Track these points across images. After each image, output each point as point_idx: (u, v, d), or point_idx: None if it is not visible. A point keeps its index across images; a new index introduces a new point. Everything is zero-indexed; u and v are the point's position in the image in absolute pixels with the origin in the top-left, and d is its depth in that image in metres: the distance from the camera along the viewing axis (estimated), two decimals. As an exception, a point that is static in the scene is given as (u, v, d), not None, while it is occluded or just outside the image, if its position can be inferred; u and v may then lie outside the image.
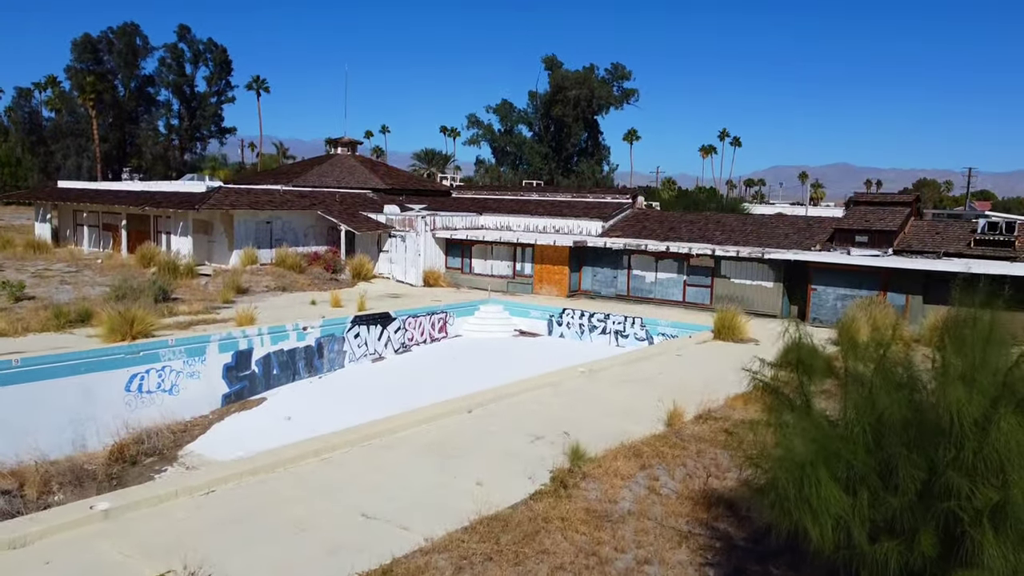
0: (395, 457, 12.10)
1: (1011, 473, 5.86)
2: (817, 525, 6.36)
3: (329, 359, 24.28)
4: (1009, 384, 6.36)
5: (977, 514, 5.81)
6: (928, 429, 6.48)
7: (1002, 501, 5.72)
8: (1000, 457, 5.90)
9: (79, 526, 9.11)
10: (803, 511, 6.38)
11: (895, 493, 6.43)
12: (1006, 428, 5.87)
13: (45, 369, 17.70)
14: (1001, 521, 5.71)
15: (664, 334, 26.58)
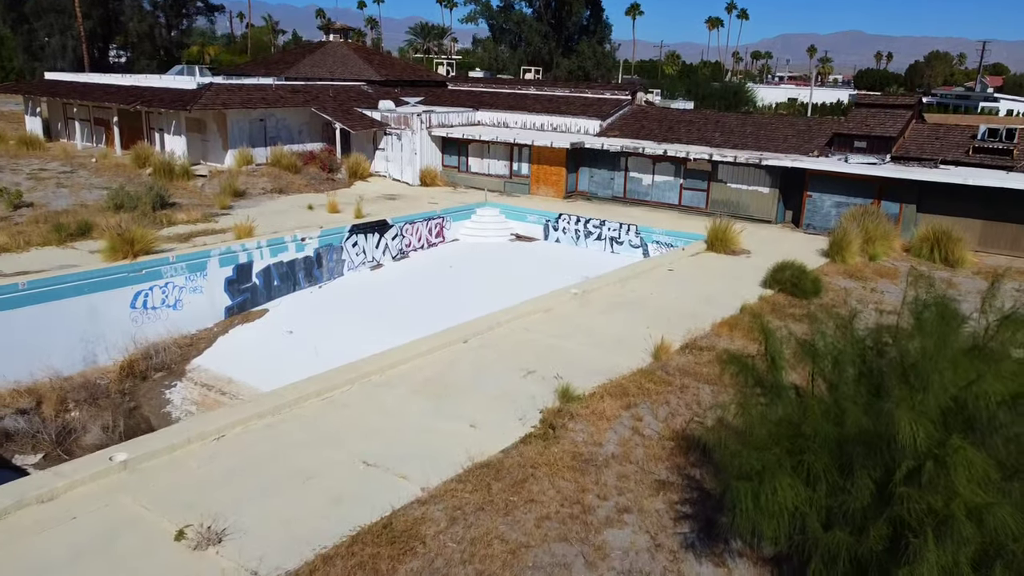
0: (394, 397, 12.74)
1: (957, 488, 6.38)
2: (772, 527, 6.96)
3: (328, 269, 24.72)
4: (959, 406, 6.79)
5: (921, 522, 6.39)
6: (885, 440, 6.95)
7: (945, 516, 6.27)
8: (946, 477, 6.41)
9: (100, 478, 9.81)
10: (760, 516, 6.96)
11: (851, 492, 7.00)
12: (953, 457, 6.34)
13: (51, 291, 18.16)
14: (942, 532, 6.29)
15: (658, 242, 26.89)
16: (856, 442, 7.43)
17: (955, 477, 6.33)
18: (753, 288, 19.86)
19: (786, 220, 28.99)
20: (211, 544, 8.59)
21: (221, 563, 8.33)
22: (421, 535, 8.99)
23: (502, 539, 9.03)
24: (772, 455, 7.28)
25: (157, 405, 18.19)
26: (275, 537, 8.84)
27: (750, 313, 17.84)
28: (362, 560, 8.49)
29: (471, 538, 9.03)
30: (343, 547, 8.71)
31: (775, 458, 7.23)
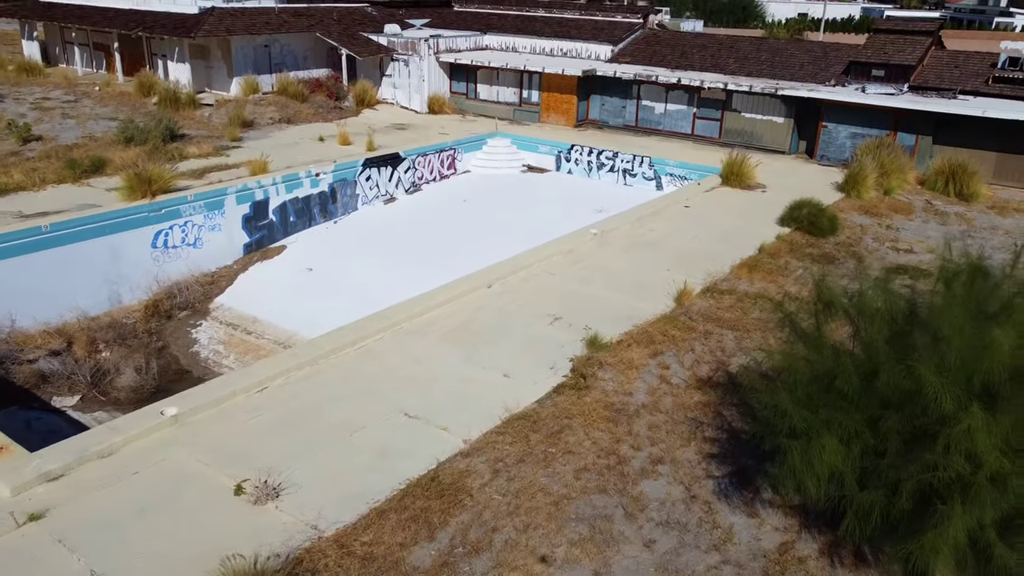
0: (425, 346, 13.06)
1: (983, 456, 6.73)
2: (815, 484, 7.35)
3: (343, 203, 24.73)
4: (984, 377, 7.05)
5: (949, 486, 6.77)
6: (918, 404, 7.25)
7: (972, 482, 6.64)
8: (971, 445, 6.75)
9: (153, 432, 10.20)
10: (806, 474, 7.33)
11: (883, 453, 7.36)
12: (974, 425, 6.65)
13: (74, 232, 18.26)
14: (968, 496, 6.67)
15: (672, 175, 26.81)
16: (888, 402, 7.76)
17: (978, 443, 6.67)
18: (770, 226, 19.98)
19: (800, 151, 28.80)
20: (270, 499, 9.03)
21: (282, 517, 8.78)
22: (467, 488, 9.44)
23: (544, 491, 9.48)
24: (820, 416, 7.60)
25: (184, 345, 18.57)
26: (328, 491, 9.27)
27: (767, 253, 18.06)
28: (414, 513, 8.95)
29: (515, 490, 9.48)
30: (395, 500, 9.16)
31: (823, 419, 7.56)
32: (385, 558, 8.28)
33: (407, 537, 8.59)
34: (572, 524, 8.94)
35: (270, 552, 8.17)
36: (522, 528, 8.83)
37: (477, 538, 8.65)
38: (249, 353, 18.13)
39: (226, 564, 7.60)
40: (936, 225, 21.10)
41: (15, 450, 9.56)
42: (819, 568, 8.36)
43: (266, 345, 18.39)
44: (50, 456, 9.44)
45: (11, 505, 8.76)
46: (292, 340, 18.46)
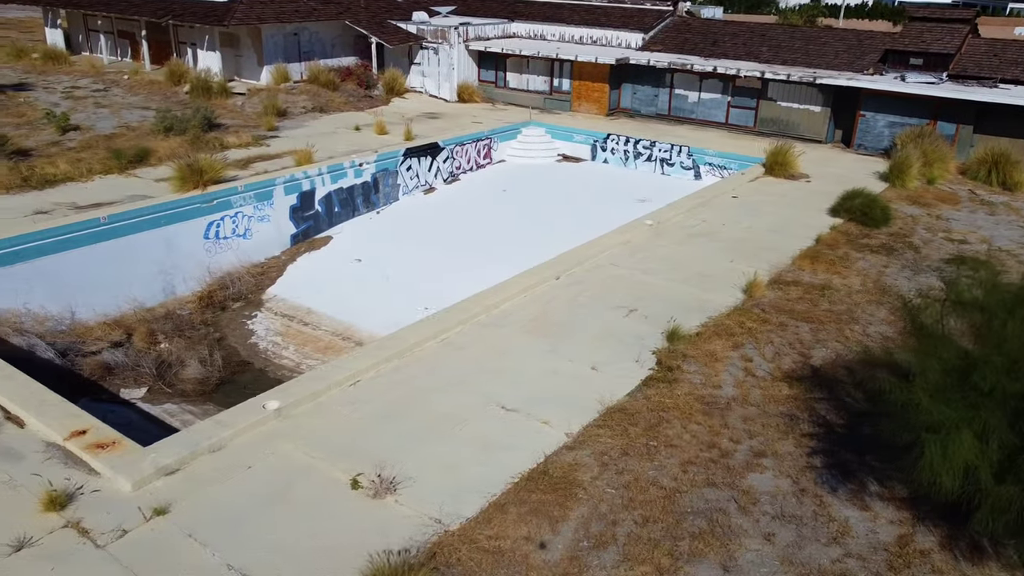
0: (506, 337, 13.09)
1: None
2: (951, 479, 7.40)
3: (384, 194, 24.70)
4: None
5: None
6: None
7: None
8: None
9: (258, 426, 10.25)
10: (943, 468, 7.37)
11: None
12: None
13: (130, 224, 18.26)
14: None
15: (711, 164, 26.78)
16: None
17: None
18: (821, 216, 19.99)
19: (836, 139, 28.75)
20: (387, 492, 9.08)
21: (403, 511, 8.84)
22: (579, 481, 9.50)
23: (654, 484, 9.55)
24: (959, 412, 7.64)
25: (242, 336, 18.60)
26: (442, 484, 9.33)
27: (825, 244, 18.09)
28: (532, 507, 9.01)
29: (625, 483, 9.54)
30: (510, 494, 9.22)
31: (961, 414, 7.60)
32: (513, 552, 8.34)
33: (530, 531, 8.65)
34: (690, 517, 9.00)
35: (399, 546, 8.22)
36: (641, 522, 8.90)
37: (599, 531, 8.71)
38: (308, 345, 18.18)
39: (373, 560, 7.65)
40: (985, 215, 21.10)
41: (127, 444, 9.60)
42: (943, 561, 8.44)
43: (324, 336, 18.43)
44: (164, 450, 9.49)
45: (134, 499, 8.81)
46: (349, 332, 18.52)
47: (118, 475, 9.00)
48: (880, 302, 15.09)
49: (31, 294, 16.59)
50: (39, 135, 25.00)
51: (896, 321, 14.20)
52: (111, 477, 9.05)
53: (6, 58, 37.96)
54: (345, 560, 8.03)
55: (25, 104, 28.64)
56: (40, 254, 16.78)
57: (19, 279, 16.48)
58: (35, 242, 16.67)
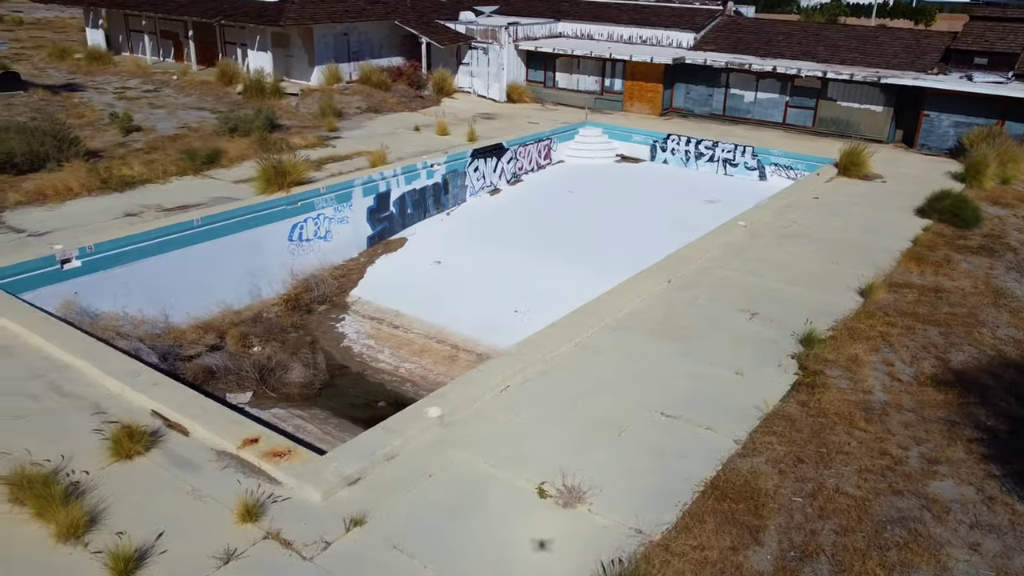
0: (639, 342, 12.94)
1: None
2: None
3: (453, 194, 24.54)
4: None
5: None
6: None
7: None
8: None
9: (425, 433, 10.09)
10: None
11: None
12: None
13: (221, 226, 18.10)
14: None
15: (776, 164, 26.62)
16: None
17: None
18: (909, 217, 19.85)
19: (896, 139, 28.59)
20: (577, 501, 8.93)
21: (599, 520, 8.69)
22: (763, 489, 9.34)
23: (839, 492, 9.39)
24: None
25: (333, 339, 18.44)
26: (627, 493, 9.17)
27: (924, 245, 17.94)
28: (725, 516, 8.85)
29: (810, 492, 9.39)
30: (699, 502, 9.06)
31: None
32: (723, 562, 8.18)
33: (733, 541, 8.49)
34: (888, 527, 8.84)
35: (607, 557, 8.07)
36: (840, 531, 8.75)
37: (802, 541, 8.56)
38: (402, 348, 18.03)
39: (590, 572, 7.50)
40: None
41: (303, 453, 9.45)
42: None
43: (417, 340, 18.28)
44: (343, 459, 9.33)
45: (325, 509, 8.65)
46: (442, 335, 18.38)
47: (305, 485, 8.83)
48: (998, 304, 14.94)
49: (129, 297, 16.44)
50: (103, 136, 24.84)
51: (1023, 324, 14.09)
52: (296, 487, 8.89)
53: (48, 58, 37.81)
54: (560, 572, 7.88)
55: (82, 105, 28.48)
56: (140, 257, 16.62)
57: (118, 282, 16.33)
58: (135, 245, 16.51)
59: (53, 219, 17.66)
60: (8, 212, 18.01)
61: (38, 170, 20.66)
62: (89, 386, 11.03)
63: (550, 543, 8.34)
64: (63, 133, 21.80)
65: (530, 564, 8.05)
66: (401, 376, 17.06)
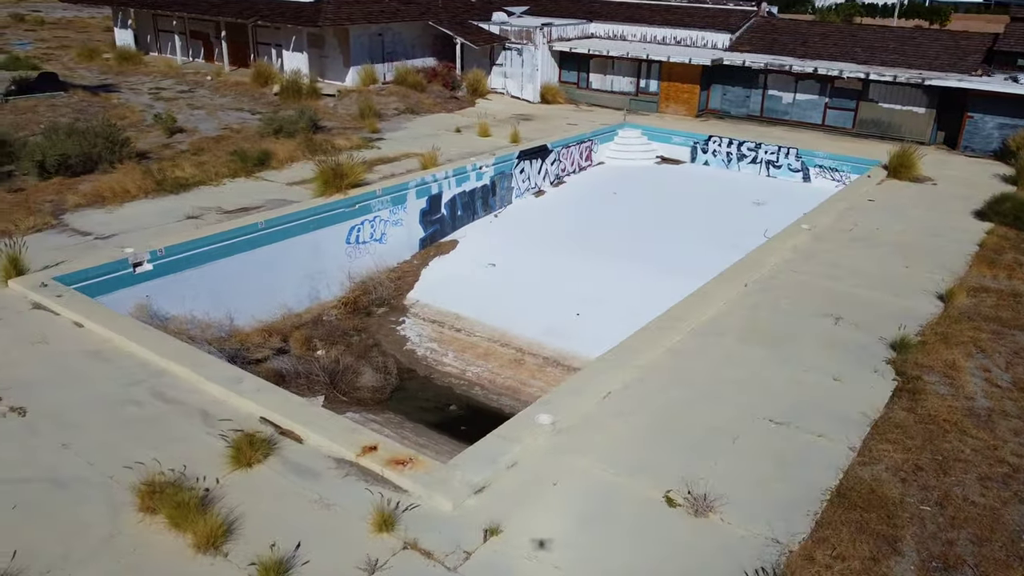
0: (730, 347, 12.84)
1: None
2: None
3: (500, 196, 24.45)
4: None
5: None
6: None
7: None
8: None
9: (540, 441, 9.99)
10: None
11: None
12: None
13: (284, 229, 18.01)
14: None
15: (821, 166, 26.53)
16: None
17: None
18: (968, 220, 19.77)
19: (938, 141, 28.50)
20: (708, 510, 8.83)
21: (734, 530, 8.59)
22: (889, 498, 9.24)
23: (966, 500, 9.29)
24: None
25: (395, 342, 18.35)
26: (755, 501, 9.07)
27: (991, 249, 17.85)
28: (860, 525, 8.76)
29: (936, 500, 9.29)
30: (829, 511, 8.96)
31: None
32: (866, 573, 8.09)
33: (872, 551, 8.40)
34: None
35: (750, 567, 7.98)
36: (977, 541, 8.65)
37: (941, 552, 8.46)
38: (466, 351, 17.94)
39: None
40: None
41: (424, 460, 9.35)
42: None
43: (480, 343, 18.20)
44: (468, 467, 9.24)
45: (459, 519, 8.55)
46: (506, 338, 18.29)
47: (434, 493, 8.74)
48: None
49: (196, 300, 16.32)
50: (146, 137, 24.76)
51: (1110, 329, 13.99)
52: (425, 495, 8.79)
53: (78, 59, 37.75)
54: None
55: (122, 106, 28.39)
56: (207, 260, 16.53)
57: (187, 285, 16.24)
58: (202, 248, 16.42)
59: (115, 221, 17.57)
60: (69, 214, 17.93)
61: (91, 172, 20.59)
62: (191, 392, 10.94)
63: (691, 553, 8.24)
64: (114, 135, 21.71)
65: (674, 574, 7.95)
66: (468, 380, 16.98)
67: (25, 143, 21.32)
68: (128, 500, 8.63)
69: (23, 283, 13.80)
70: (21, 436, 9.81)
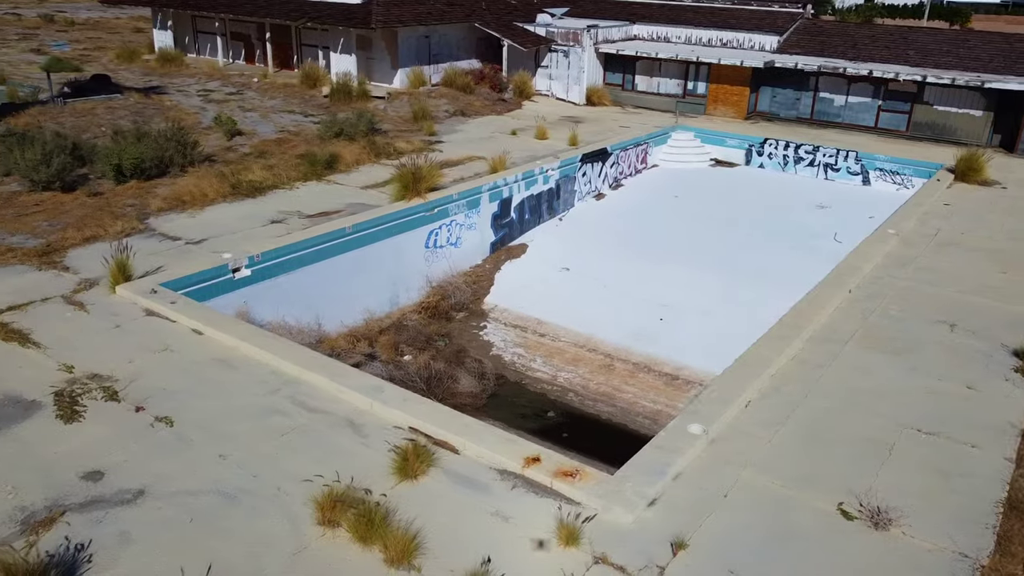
0: (854, 355, 12.74)
1: None
2: None
3: (564, 200, 24.35)
4: None
5: None
6: None
7: None
8: None
9: (696, 451, 9.88)
10: None
11: None
12: None
13: (370, 234, 17.91)
14: None
15: (882, 169, 26.43)
16: None
17: None
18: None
19: (994, 143, 28.39)
20: (888, 524, 8.72)
21: (919, 543, 8.47)
22: (1063, 510, 9.14)
23: None
24: None
25: (481, 347, 18.24)
26: (932, 513, 8.96)
27: (1082, 254, 17.73)
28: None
29: (1110, 513, 9.19)
30: (1007, 523, 8.86)
31: None
32: (1065, 588, 8.00)
33: (1064, 565, 8.30)
34: None
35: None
36: None
37: None
38: (555, 357, 17.85)
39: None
40: None
41: (591, 472, 9.24)
42: None
43: (567, 348, 18.10)
44: (637, 479, 9.13)
45: (640, 532, 8.44)
46: (592, 343, 18.21)
47: (613, 506, 8.63)
48: None
49: (289, 305, 16.22)
50: (206, 139, 24.63)
51: None
52: (602, 508, 8.68)
53: (117, 60, 37.64)
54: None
55: (176, 108, 28.29)
56: (299, 265, 16.44)
57: (280, 291, 16.13)
58: (295, 253, 16.32)
59: (200, 226, 17.47)
60: (153, 218, 17.83)
61: (162, 175, 20.51)
62: (331, 401, 10.83)
63: (883, 570, 8.13)
64: (184, 138, 21.62)
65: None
66: (561, 386, 16.88)
67: (94, 146, 21.24)
68: (303, 513, 8.53)
69: (132, 289, 13.69)
70: (176, 447, 9.70)
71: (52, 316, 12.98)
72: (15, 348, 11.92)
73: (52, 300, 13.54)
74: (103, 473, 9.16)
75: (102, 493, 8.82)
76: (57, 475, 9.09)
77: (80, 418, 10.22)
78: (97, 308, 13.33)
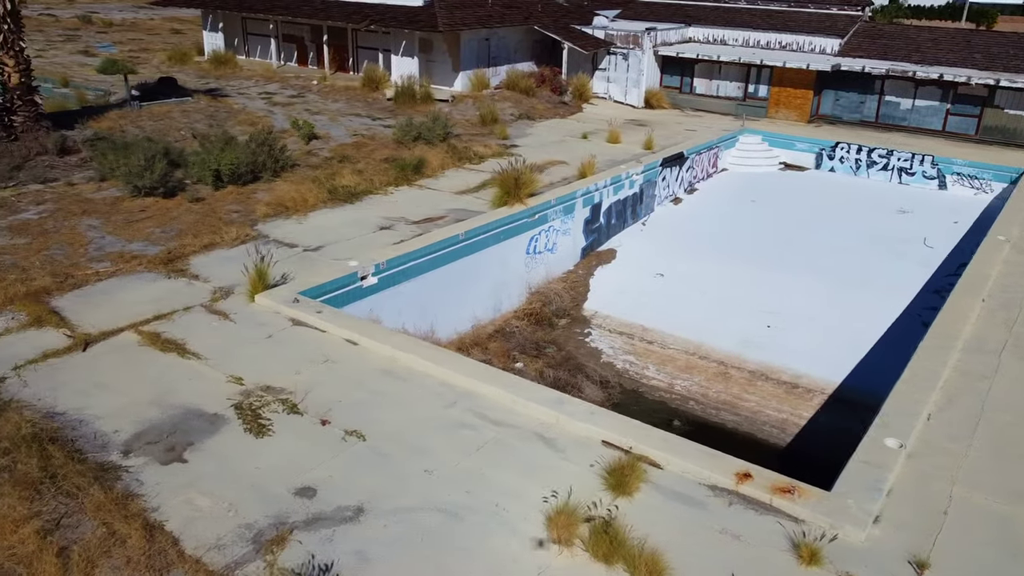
0: (1013, 366, 12.63)
1: None
2: None
3: (645, 204, 24.24)
4: None
5: None
6: None
7: None
8: None
9: (897, 464, 9.76)
10: None
11: None
12: None
13: (480, 240, 17.78)
14: None
15: (960, 174, 26.30)
16: None
17: None
18: None
19: (1066, 148, 28.27)
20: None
21: None
22: None
23: None
24: None
25: (590, 355, 18.14)
26: None
27: None
28: None
29: None
30: None
31: None
32: None
33: None
34: None
35: None
36: None
37: None
38: (667, 364, 17.73)
39: None
40: None
41: (808, 489, 9.12)
42: None
43: (678, 356, 17.99)
44: (856, 495, 9.00)
45: (875, 550, 8.30)
46: (703, 350, 18.09)
47: (842, 524, 8.51)
48: None
49: (409, 313, 16.13)
50: (283, 143, 24.49)
51: None
52: (829, 526, 8.56)
53: (168, 61, 37.55)
54: None
55: (244, 112, 28.18)
56: (419, 272, 16.32)
57: (401, 298, 16.02)
58: (416, 260, 16.20)
59: (310, 232, 17.36)
60: (261, 224, 17.71)
61: (256, 181, 20.40)
62: (512, 413, 10.70)
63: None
64: (273, 143, 21.51)
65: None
66: (680, 394, 16.76)
67: (181, 151, 21.13)
68: (528, 529, 8.43)
69: (271, 298, 13.58)
70: (376, 462, 9.58)
71: (200, 326, 12.86)
72: (176, 359, 11.81)
73: (193, 309, 13.43)
74: (315, 489, 9.04)
75: (322, 510, 8.71)
76: (269, 491, 8.98)
77: (269, 432, 10.11)
78: (241, 317, 13.21)
